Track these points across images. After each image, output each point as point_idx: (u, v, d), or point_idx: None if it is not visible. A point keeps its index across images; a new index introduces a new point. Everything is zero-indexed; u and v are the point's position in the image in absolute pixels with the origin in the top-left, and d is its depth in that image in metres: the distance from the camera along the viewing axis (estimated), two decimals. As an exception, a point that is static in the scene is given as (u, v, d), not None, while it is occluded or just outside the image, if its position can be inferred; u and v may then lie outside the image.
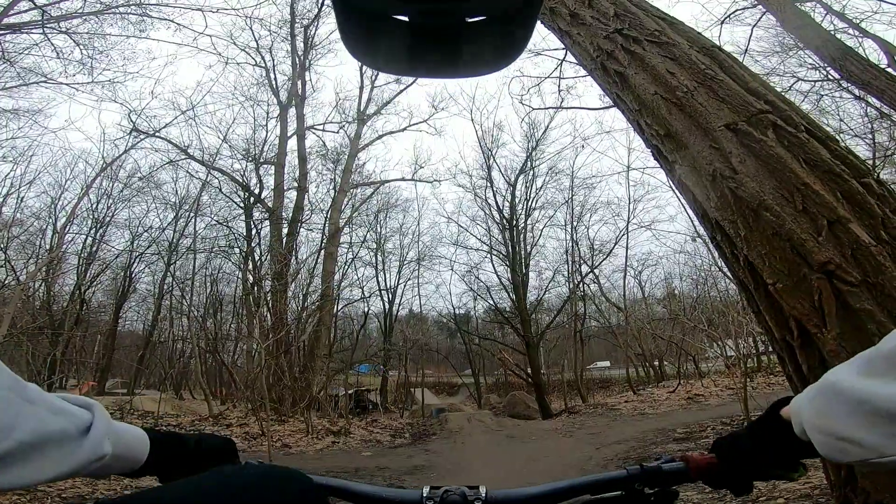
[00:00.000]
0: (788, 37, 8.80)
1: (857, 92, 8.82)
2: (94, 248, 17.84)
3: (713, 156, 1.43)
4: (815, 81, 10.63)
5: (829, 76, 9.36)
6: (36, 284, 14.48)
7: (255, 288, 13.79)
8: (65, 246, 16.16)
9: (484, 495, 0.60)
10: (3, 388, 0.43)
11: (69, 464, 0.47)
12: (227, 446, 0.69)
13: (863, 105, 10.66)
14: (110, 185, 17.72)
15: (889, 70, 6.61)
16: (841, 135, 11.85)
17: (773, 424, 0.57)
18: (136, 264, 19.45)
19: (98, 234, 17.88)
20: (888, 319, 1.13)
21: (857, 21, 8.67)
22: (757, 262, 1.30)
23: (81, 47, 10.54)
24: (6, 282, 13.09)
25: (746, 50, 10.74)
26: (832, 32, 8.10)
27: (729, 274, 1.67)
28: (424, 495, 0.61)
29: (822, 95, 10.86)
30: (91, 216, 17.54)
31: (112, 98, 12.83)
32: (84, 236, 17.51)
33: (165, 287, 18.92)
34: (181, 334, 19.63)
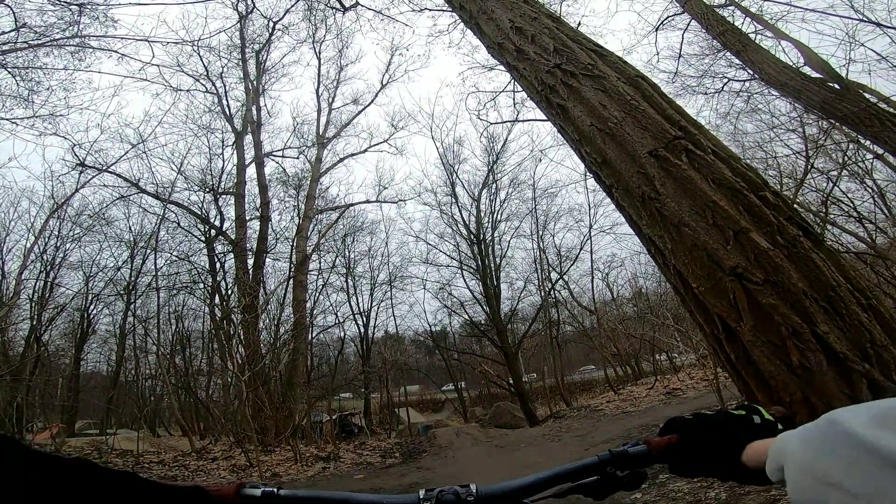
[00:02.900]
0: (715, 40, 9.42)
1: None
2: (48, 293, 16.96)
3: (641, 180, 1.65)
4: (744, 81, 11.39)
5: (755, 76, 10.09)
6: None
7: (225, 322, 13.50)
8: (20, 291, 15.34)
9: (475, 492, 0.64)
10: None
11: None
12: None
13: (790, 101, 11.49)
14: (58, 224, 16.91)
15: (804, 70, 7.17)
16: (774, 130, 12.71)
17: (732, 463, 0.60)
18: (93, 306, 18.61)
19: (49, 276, 17.01)
20: (790, 311, 1.36)
21: (773, 22, 9.36)
22: (683, 270, 1.52)
23: (18, 80, 10.24)
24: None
25: (680, 54, 11.43)
26: (752, 35, 8.73)
27: (665, 280, 1.89)
28: (421, 497, 0.64)
29: (753, 94, 11.65)
30: (41, 259, 16.69)
31: (54, 132, 12.38)
32: (34, 281, 16.64)
33: (127, 327, 18.17)
34: (150, 372, 18.88)
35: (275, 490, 0.66)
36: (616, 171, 1.78)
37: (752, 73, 8.16)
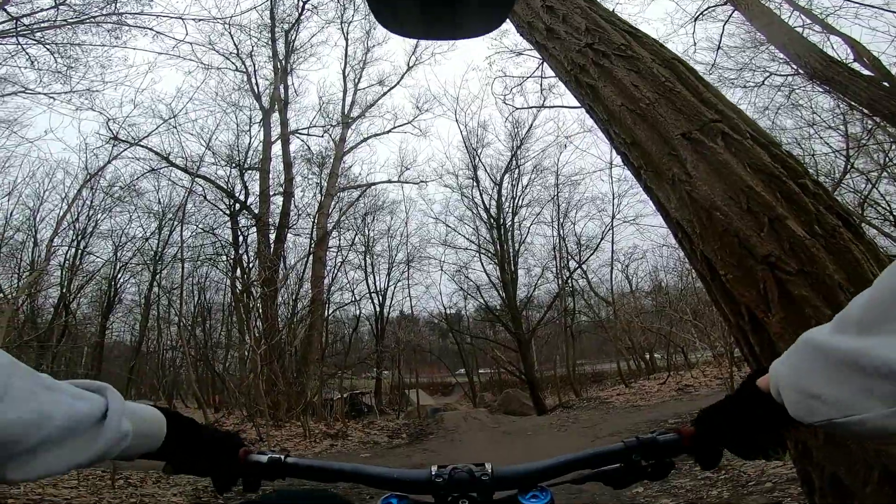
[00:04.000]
0: (759, 33, 9.05)
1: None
2: (78, 261, 17.58)
3: (672, 162, 1.59)
4: (786, 76, 10.93)
5: (800, 71, 9.64)
6: (21, 298, 14.28)
7: (245, 295, 13.80)
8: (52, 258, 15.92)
9: (490, 471, 0.62)
10: (23, 377, 0.43)
11: (97, 447, 0.47)
12: (233, 438, 0.72)
13: (834, 97, 10.97)
14: (91, 194, 17.44)
15: (853, 66, 6.83)
16: (814, 126, 12.20)
17: (750, 391, 0.58)
18: (120, 275, 19.24)
19: (81, 245, 17.63)
20: (823, 304, 1.29)
21: (824, 17, 8.92)
22: (711, 257, 1.46)
23: (56, 56, 10.47)
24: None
25: (719, 46, 11.02)
26: (799, 29, 8.34)
27: (691, 267, 1.83)
28: (433, 473, 0.63)
29: (794, 89, 11.17)
30: (73, 227, 17.27)
31: (90, 107, 12.70)
32: (66, 248, 17.26)
33: (152, 297, 18.76)
34: (170, 343, 19.52)
35: (281, 457, 0.68)
36: (646, 152, 1.72)
37: (796, 67, 7.80)
